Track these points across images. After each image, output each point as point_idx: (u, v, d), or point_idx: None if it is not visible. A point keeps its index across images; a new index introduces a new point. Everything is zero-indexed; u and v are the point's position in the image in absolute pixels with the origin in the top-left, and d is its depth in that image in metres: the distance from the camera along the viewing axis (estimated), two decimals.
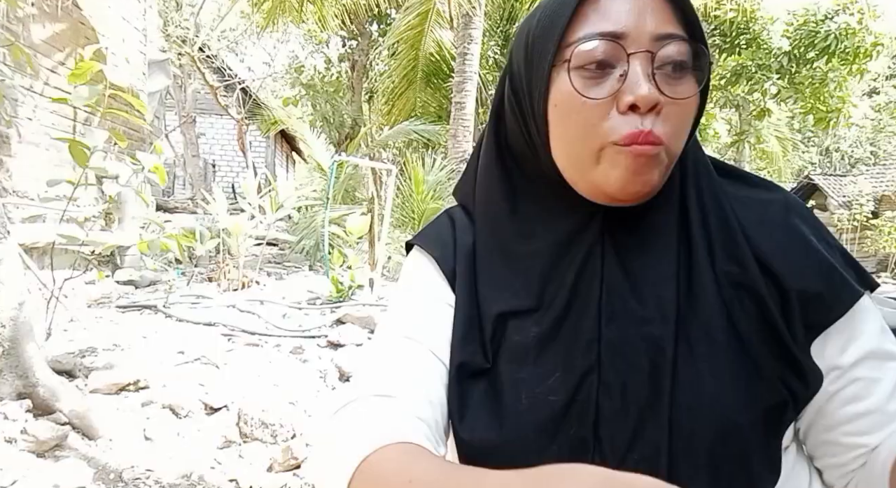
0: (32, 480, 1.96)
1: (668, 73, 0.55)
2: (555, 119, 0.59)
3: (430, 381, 0.61)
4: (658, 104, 0.53)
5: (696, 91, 0.56)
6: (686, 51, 0.55)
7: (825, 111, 9.71)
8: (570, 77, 0.56)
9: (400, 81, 10.00)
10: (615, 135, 0.54)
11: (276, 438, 2.52)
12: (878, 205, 13.21)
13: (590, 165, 0.57)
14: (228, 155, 15.32)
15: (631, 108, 0.54)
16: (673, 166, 0.59)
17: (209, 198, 5.52)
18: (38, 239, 3.95)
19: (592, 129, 0.56)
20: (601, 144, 0.56)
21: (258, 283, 5.29)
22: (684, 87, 0.55)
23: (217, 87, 11.95)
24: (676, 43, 0.55)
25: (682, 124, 0.57)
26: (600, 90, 0.55)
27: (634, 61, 0.54)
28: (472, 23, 7.00)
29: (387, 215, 5.72)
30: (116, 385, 2.66)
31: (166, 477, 2.20)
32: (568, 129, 0.58)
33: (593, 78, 0.55)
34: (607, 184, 0.57)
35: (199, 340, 3.39)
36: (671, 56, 0.55)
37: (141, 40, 6.60)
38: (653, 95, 0.53)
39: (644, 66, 0.54)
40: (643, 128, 0.54)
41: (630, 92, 0.54)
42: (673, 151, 0.57)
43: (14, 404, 2.23)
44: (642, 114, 0.54)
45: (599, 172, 0.57)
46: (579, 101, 0.56)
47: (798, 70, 9.40)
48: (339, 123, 12.39)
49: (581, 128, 0.57)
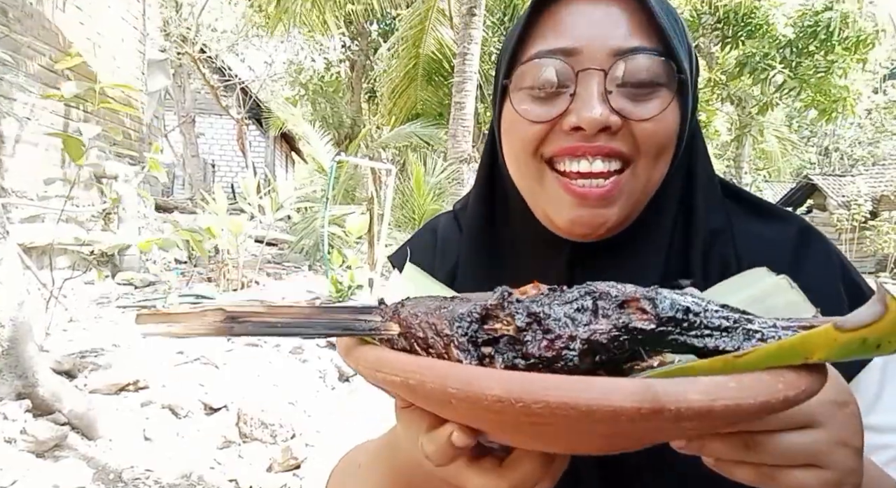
0: (32, 480, 1.96)
1: (633, 89, 0.49)
2: (504, 139, 0.56)
3: None
4: (610, 126, 0.48)
5: (663, 109, 0.50)
6: (653, 65, 0.49)
7: (828, 102, 9.63)
8: (514, 99, 0.53)
9: (401, 80, 10.00)
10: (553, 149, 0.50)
11: (275, 438, 2.52)
12: (877, 205, 13.22)
13: (536, 190, 0.54)
14: (228, 155, 15.31)
15: (575, 130, 0.49)
16: (651, 194, 0.53)
17: (209, 199, 5.52)
18: (37, 239, 3.95)
19: (529, 150, 0.52)
20: (538, 164, 0.52)
21: (258, 283, 5.29)
22: (651, 105, 0.50)
23: (217, 87, 11.95)
24: (640, 56, 0.49)
25: (655, 143, 0.50)
26: (546, 111, 0.51)
27: (584, 80, 0.49)
28: (473, 23, 7.00)
29: (386, 215, 5.72)
30: (116, 385, 2.66)
31: (166, 477, 2.20)
32: (512, 149, 0.55)
33: (542, 98, 0.51)
34: (555, 217, 0.53)
35: (199, 340, 3.39)
36: (632, 72, 0.49)
37: (140, 40, 6.60)
38: (601, 116, 0.48)
39: (597, 84, 0.49)
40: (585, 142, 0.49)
41: (575, 113, 0.49)
42: (644, 173, 0.51)
43: (14, 404, 2.23)
44: (587, 136, 0.49)
45: (546, 202, 0.53)
46: (520, 121, 0.52)
47: (801, 61, 9.35)
48: (338, 123, 12.40)
49: (521, 148, 0.53)
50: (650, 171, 0.51)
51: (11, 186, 4.28)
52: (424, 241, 0.69)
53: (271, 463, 2.38)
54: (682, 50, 0.51)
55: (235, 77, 12.39)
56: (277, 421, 2.56)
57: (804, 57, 9.32)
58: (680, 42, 0.51)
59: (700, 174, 0.56)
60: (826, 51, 9.09)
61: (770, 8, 9.24)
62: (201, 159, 12.92)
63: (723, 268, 0.53)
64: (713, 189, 0.57)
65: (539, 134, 0.51)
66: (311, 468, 2.40)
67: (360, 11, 9.59)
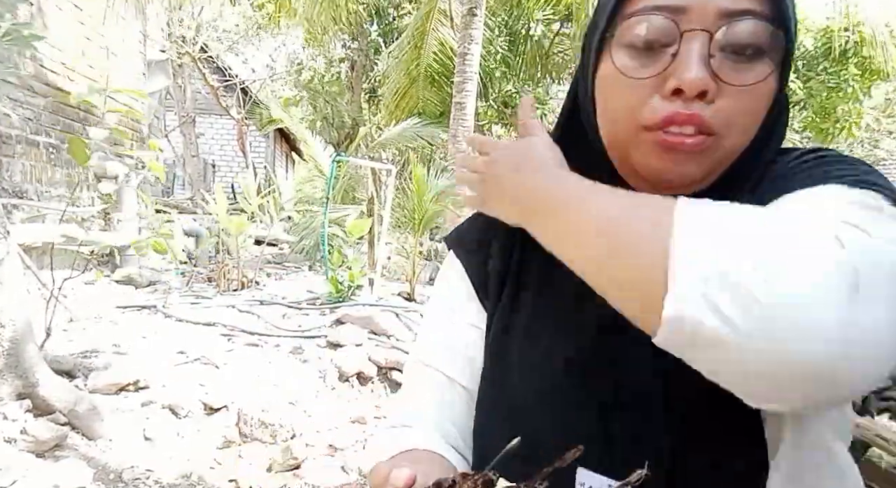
0: (32, 480, 1.96)
1: (734, 55, 0.48)
2: (599, 94, 0.55)
3: (442, 405, 0.65)
4: (707, 91, 0.48)
5: (765, 77, 0.49)
6: (762, 31, 0.48)
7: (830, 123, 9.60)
8: (614, 53, 0.52)
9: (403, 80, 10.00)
10: (651, 118, 0.50)
11: (275, 438, 2.53)
12: None
13: (628, 149, 0.54)
14: (228, 155, 15.30)
15: (675, 93, 0.49)
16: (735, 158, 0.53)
17: (209, 199, 5.52)
18: (37, 239, 3.95)
19: (631, 111, 0.51)
20: (637, 128, 0.51)
21: (258, 283, 5.29)
22: (752, 73, 0.49)
23: (217, 87, 11.95)
24: (749, 21, 0.48)
25: (746, 114, 0.50)
26: (647, 69, 0.50)
27: (688, 40, 0.48)
28: (473, 23, 6.99)
29: (386, 215, 5.72)
30: (116, 385, 2.66)
31: (166, 477, 2.20)
32: (608, 107, 0.55)
33: (643, 56, 0.50)
34: (643, 170, 0.53)
35: (199, 340, 3.39)
36: (739, 36, 0.48)
37: (140, 40, 6.60)
38: (700, 80, 0.47)
39: (700, 46, 0.48)
40: (683, 110, 0.48)
41: (676, 75, 0.48)
42: (728, 143, 0.51)
43: (14, 404, 2.23)
44: (687, 99, 0.48)
45: (636, 158, 0.53)
46: (622, 79, 0.51)
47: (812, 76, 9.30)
48: (339, 124, 12.39)
49: (620, 108, 0.53)
50: (735, 142, 0.51)
51: (12, 186, 4.28)
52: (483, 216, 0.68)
53: (271, 463, 2.38)
54: (791, 17, 0.50)
55: (235, 77, 12.39)
56: (277, 421, 2.56)
57: (815, 72, 9.27)
58: (791, 5, 0.50)
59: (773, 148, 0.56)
60: (839, 69, 9.05)
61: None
62: (201, 159, 12.91)
63: None
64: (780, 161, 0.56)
65: (640, 93, 0.51)
66: (311, 468, 2.40)
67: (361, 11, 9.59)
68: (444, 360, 0.67)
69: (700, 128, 0.49)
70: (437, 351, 0.68)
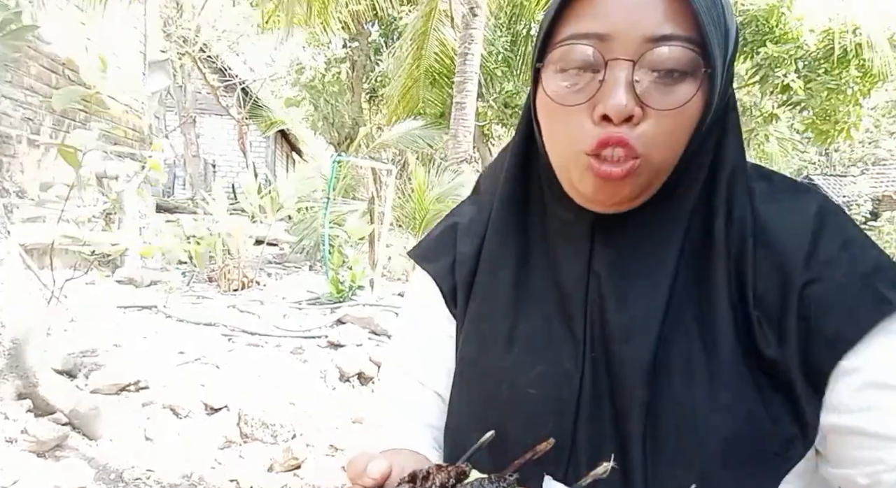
0: (33, 480, 1.96)
1: (659, 78, 0.50)
2: (541, 120, 0.57)
3: (417, 409, 0.66)
4: (633, 116, 0.49)
5: (688, 99, 0.50)
6: (683, 54, 0.49)
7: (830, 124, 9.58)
8: (545, 81, 0.54)
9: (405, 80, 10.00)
10: (585, 144, 0.51)
11: (276, 438, 2.53)
12: (878, 206, 13.21)
13: (569, 170, 0.55)
14: (229, 155, 15.30)
15: (604, 119, 0.50)
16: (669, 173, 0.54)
17: (209, 199, 5.52)
18: (38, 239, 3.95)
19: (567, 136, 0.53)
20: (576, 151, 0.53)
21: (258, 283, 5.29)
22: (677, 95, 0.50)
23: (217, 87, 11.95)
24: (673, 45, 0.49)
25: (670, 135, 0.51)
26: (578, 96, 0.52)
27: (613, 68, 0.49)
28: (474, 23, 7.00)
29: (387, 215, 5.72)
30: (117, 385, 2.67)
31: (167, 478, 2.20)
32: (550, 132, 0.56)
33: (574, 81, 0.52)
34: (582, 192, 0.55)
35: (200, 340, 3.39)
36: (662, 61, 0.49)
37: (141, 40, 6.60)
38: (625, 108, 0.49)
39: (625, 73, 0.49)
40: (612, 134, 0.50)
41: (603, 102, 0.50)
42: (655, 162, 0.52)
43: (15, 404, 2.24)
44: (616, 125, 0.50)
45: (573, 180, 0.55)
46: (555, 105, 0.53)
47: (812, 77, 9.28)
48: (339, 124, 12.39)
49: (558, 132, 0.55)
50: (662, 160, 0.52)
51: (12, 187, 4.28)
52: (444, 227, 0.72)
53: (272, 463, 2.38)
54: (716, 34, 0.50)
55: (236, 77, 12.39)
56: (278, 421, 2.56)
57: (816, 74, 9.26)
58: (716, 25, 0.50)
59: (727, 155, 0.56)
60: (840, 70, 9.05)
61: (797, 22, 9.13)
62: (202, 159, 12.90)
63: (740, 252, 0.54)
64: (739, 170, 0.57)
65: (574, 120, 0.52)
66: (312, 468, 2.40)
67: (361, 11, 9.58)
68: (416, 365, 0.68)
69: (626, 150, 0.50)
70: (410, 355, 0.70)
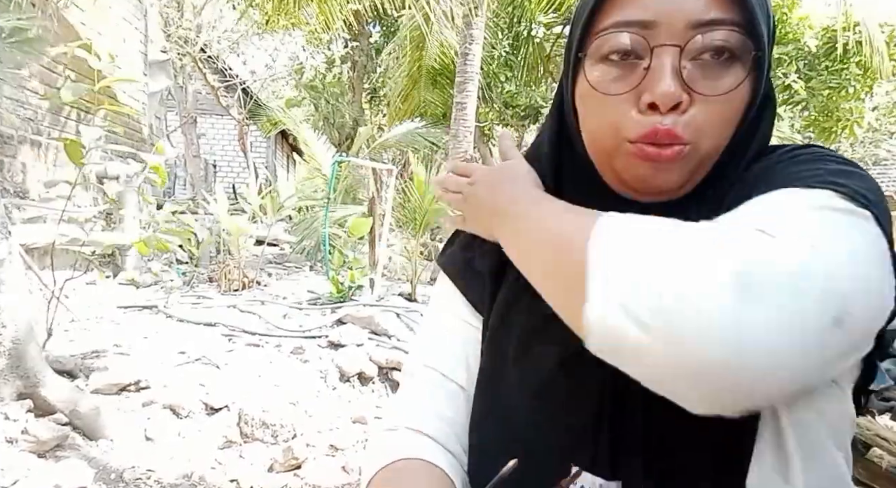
0: (33, 480, 1.96)
1: (707, 64, 0.49)
2: (581, 109, 0.57)
3: (438, 404, 0.65)
4: (681, 103, 0.49)
5: (737, 85, 0.49)
6: (731, 39, 0.49)
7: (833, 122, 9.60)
8: (587, 70, 0.53)
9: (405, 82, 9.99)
10: (631, 133, 0.51)
11: (276, 438, 2.53)
12: None
13: (611, 159, 0.55)
14: (229, 155, 15.32)
15: (651, 107, 0.50)
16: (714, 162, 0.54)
17: (210, 199, 5.52)
18: (38, 239, 3.95)
19: (611, 126, 0.52)
20: (620, 140, 0.52)
21: (259, 283, 5.29)
22: (725, 81, 0.49)
23: (218, 87, 11.95)
24: (719, 30, 0.48)
25: (719, 122, 0.51)
26: (622, 84, 0.51)
27: (659, 54, 0.49)
28: (474, 23, 7.00)
29: (387, 216, 5.72)
30: (117, 385, 2.67)
31: (167, 478, 2.20)
32: (589, 122, 0.56)
33: (617, 70, 0.51)
34: (628, 177, 0.55)
35: (200, 340, 3.39)
36: (710, 45, 0.49)
37: (141, 40, 6.61)
38: (673, 94, 0.48)
39: (671, 59, 0.49)
40: (661, 125, 0.49)
41: (649, 90, 0.49)
42: (704, 150, 0.51)
43: (15, 404, 2.24)
44: (663, 112, 0.49)
45: (619, 167, 0.55)
46: (598, 95, 0.52)
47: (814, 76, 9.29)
48: (340, 124, 12.39)
49: (601, 123, 0.54)
50: (710, 147, 0.52)
51: (13, 186, 4.29)
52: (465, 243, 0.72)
53: (272, 463, 2.38)
54: (762, 20, 0.50)
55: (236, 77, 12.39)
56: (279, 421, 2.56)
57: (817, 72, 9.27)
58: (761, 10, 0.50)
59: (755, 148, 0.56)
60: (841, 68, 9.06)
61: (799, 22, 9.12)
62: (203, 159, 12.91)
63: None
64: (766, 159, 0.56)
65: (617, 110, 0.51)
66: (312, 468, 2.40)
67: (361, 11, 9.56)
68: (441, 360, 0.68)
69: (674, 140, 0.50)
70: (434, 351, 0.69)
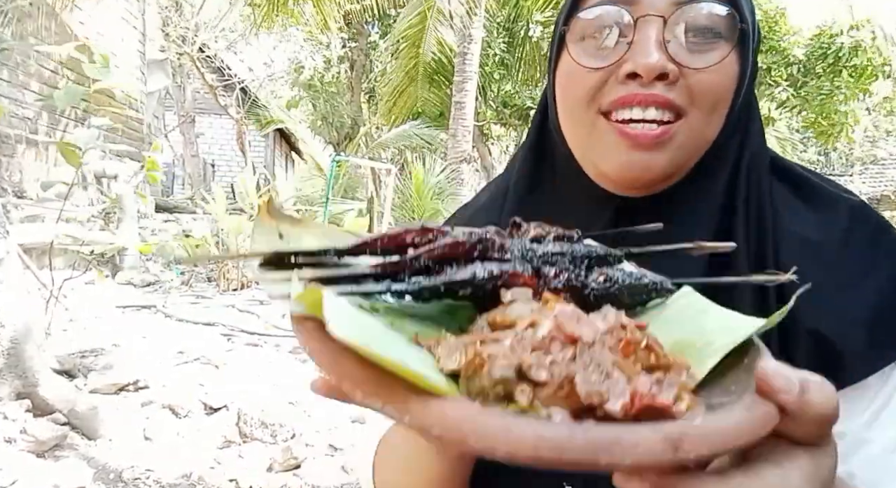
0: (32, 480, 1.96)
1: (691, 37, 0.48)
2: (559, 91, 0.55)
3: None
4: (667, 74, 0.47)
5: (722, 59, 0.48)
6: (716, 13, 0.48)
7: (828, 125, 9.62)
8: (571, 48, 0.52)
9: (402, 80, 10.00)
10: (605, 99, 0.49)
11: (275, 438, 2.53)
12: (878, 206, 13.24)
13: (587, 141, 0.52)
14: (227, 154, 15.29)
15: (631, 77, 0.48)
16: (705, 151, 0.51)
17: (208, 198, 5.52)
18: (37, 239, 3.95)
19: (586, 96, 0.51)
20: (594, 115, 0.50)
21: (257, 283, 5.28)
22: (710, 56, 0.48)
23: (216, 86, 11.94)
24: (704, 5, 0.48)
25: (712, 92, 0.49)
26: (602, 60, 0.50)
27: (643, 26, 0.48)
28: (473, 23, 7.00)
29: (386, 215, 5.72)
30: (116, 385, 2.66)
31: (166, 477, 2.20)
32: (566, 99, 0.54)
33: (600, 47, 0.50)
34: (605, 165, 0.52)
35: (199, 340, 3.39)
36: (693, 20, 0.48)
37: (140, 40, 6.60)
38: (657, 64, 0.47)
39: (655, 31, 0.47)
40: (641, 92, 0.47)
41: (632, 60, 0.48)
42: (695, 126, 0.49)
43: (14, 404, 2.23)
44: (645, 83, 0.47)
45: (597, 151, 0.52)
46: (579, 70, 0.51)
47: (806, 81, 9.31)
48: (338, 123, 12.39)
49: (576, 95, 0.52)
50: (703, 125, 0.50)
51: (12, 186, 4.28)
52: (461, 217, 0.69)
53: (271, 462, 2.38)
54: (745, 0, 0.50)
55: (234, 76, 12.38)
56: (277, 420, 2.56)
57: (810, 77, 9.27)
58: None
59: (751, 144, 0.54)
60: (833, 74, 9.06)
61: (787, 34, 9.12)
62: (201, 159, 12.90)
63: (759, 249, 0.51)
64: (761, 162, 0.54)
65: (595, 82, 0.50)
66: (311, 468, 2.40)
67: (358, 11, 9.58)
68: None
69: (664, 105, 0.48)
70: None
